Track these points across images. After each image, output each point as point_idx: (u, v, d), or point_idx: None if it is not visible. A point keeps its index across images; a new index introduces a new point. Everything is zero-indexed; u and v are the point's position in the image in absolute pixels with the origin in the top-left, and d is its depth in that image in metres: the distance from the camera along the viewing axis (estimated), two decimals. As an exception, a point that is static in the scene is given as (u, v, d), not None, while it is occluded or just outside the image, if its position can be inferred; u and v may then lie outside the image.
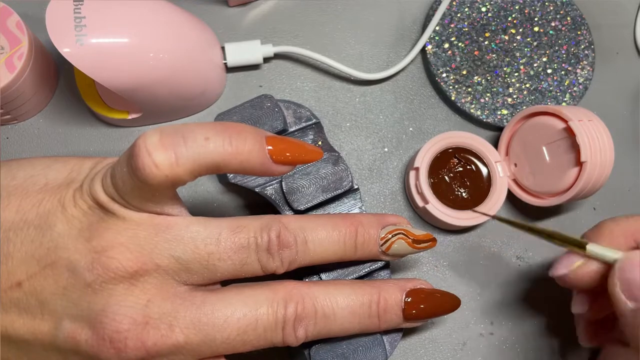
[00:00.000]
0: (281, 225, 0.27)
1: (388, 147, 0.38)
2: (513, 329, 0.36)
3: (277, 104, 0.33)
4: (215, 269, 0.25)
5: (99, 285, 0.24)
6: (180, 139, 0.23)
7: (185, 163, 0.23)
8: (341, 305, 0.28)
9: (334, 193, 0.32)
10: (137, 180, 0.23)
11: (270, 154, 0.25)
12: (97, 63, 0.30)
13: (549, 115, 0.34)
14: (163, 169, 0.22)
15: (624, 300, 0.26)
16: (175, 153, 0.23)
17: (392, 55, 0.40)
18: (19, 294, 0.24)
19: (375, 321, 0.29)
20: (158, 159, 0.22)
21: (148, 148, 0.22)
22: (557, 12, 0.40)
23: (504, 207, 0.38)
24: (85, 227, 0.24)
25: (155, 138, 0.23)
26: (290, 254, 0.27)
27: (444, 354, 0.35)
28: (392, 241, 0.29)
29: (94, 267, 0.24)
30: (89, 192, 0.25)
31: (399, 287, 0.29)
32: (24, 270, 0.24)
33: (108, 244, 0.24)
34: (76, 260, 0.24)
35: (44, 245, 0.24)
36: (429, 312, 0.30)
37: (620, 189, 0.39)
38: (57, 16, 0.30)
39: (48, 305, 0.24)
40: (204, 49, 0.35)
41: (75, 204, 0.25)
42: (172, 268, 0.25)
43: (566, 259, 0.29)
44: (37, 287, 0.24)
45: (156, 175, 0.23)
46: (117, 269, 0.24)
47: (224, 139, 0.23)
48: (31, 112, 0.36)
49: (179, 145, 0.23)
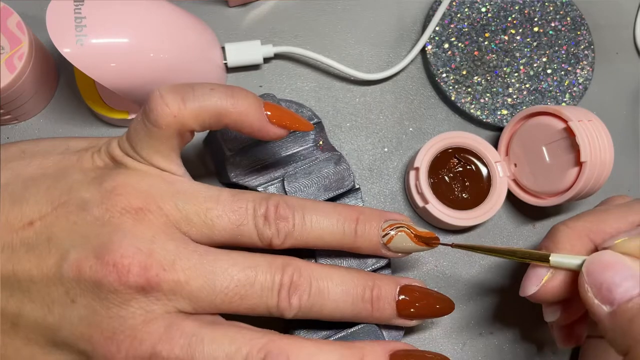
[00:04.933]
0: (281, 199, 0.28)
1: (388, 147, 0.38)
2: (513, 329, 0.36)
3: (279, 103, 0.33)
4: (213, 224, 0.27)
5: (107, 219, 0.25)
6: (189, 87, 0.26)
7: (192, 106, 0.26)
8: (336, 282, 0.28)
9: (335, 192, 0.32)
10: (149, 124, 0.26)
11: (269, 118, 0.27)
12: (97, 63, 0.30)
13: (548, 116, 0.34)
14: (172, 108, 0.25)
15: (597, 304, 0.25)
16: (183, 96, 0.26)
17: (392, 56, 0.40)
18: (29, 232, 0.25)
19: (369, 307, 0.29)
20: (168, 99, 0.25)
21: (161, 92, 0.26)
22: (557, 12, 0.40)
23: (504, 207, 0.38)
24: (99, 176, 0.26)
25: (168, 86, 0.26)
26: (286, 227, 0.27)
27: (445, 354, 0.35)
28: (394, 234, 0.29)
29: (104, 203, 0.25)
30: (106, 151, 0.27)
31: (394, 281, 0.30)
32: (36, 210, 0.26)
33: (117, 185, 0.26)
34: (87, 198, 0.26)
35: (59, 188, 0.26)
36: (423, 311, 0.30)
37: (620, 189, 0.39)
38: (58, 16, 0.30)
39: (57, 239, 0.25)
40: (204, 49, 0.35)
41: (93, 162, 0.27)
42: (174, 215, 0.26)
43: (533, 275, 0.28)
44: (48, 225, 0.25)
45: (166, 113, 0.25)
46: (125, 205, 0.25)
47: (227, 90, 0.27)
48: (31, 112, 0.36)
49: (187, 92, 0.26)
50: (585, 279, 0.26)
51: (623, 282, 0.24)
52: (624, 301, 0.24)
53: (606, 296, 0.25)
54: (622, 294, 0.24)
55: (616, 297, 0.24)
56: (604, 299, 0.25)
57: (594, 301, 0.25)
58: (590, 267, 0.26)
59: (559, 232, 0.29)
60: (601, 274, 0.25)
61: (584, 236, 0.28)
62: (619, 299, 0.24)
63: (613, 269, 0.25)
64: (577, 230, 0.28)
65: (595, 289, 0.25)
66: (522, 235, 0.38)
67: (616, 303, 0.24)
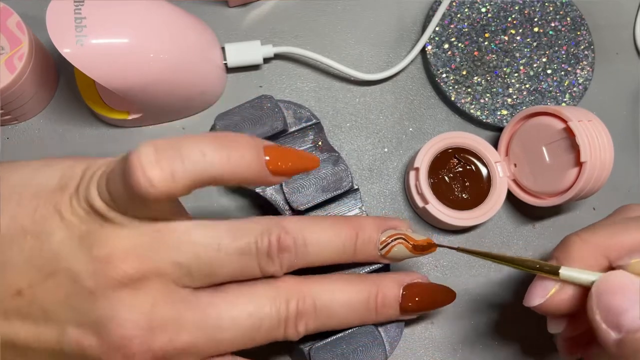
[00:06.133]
0: (281, 230, 0.26)
1: (388, 148, 0.38)
2: (513, 329, 0.36)
3: (277, 104, 0.34)
4: (216, 274, 0.25)
5: (102, 292, 0.23)
6: (176, 154, 0.22)
7: (182, 179, 0.22)
8: (340, 301, 0.28)
9: (334, 193, 0.32)
10: (132, 195, 0.22)
11: (268, 165, 0.24)
12: (97, 63, 0.30)
13: (548, 116, 0.34)
14: (159, 187, 0.22)
15: (605, 329, 0.23)
16: (171, 170, 0.22)
17: (392, 56, 0.40)
18: (20, 302, 0.24)
19: (373, 315, 0.29)
20: (154, 177, 0.22)
21: (143, 165, 0.22)
22: (557, 12, 0.40)
23: (504, 207, 0.38)
24: (85, 235, 0.24)
25: (150, 154, 0.22)
26: (289, 258, 0.27)
27: (444, 354, 0.35)
28: (392, 245, 0.29)
29: (97, 275, 0.23)
30: (85, 199, 0.24)
31: (397, 282, 0.30)
32: (23, 278, 0.24)
33: (109, 252, 0.23)
34: (78, 269, 0.23)
35: (44, 253, 0.24)
36: (424, 305, 0.30)
37: (620, 189, 0.39)
38: (58, 16, 0.30)
39: (51, 312, 0.24)
40: (204, 50, 0.35)
41: (73, 211, 0.24)
42: (174, 273, 0.24)
43: (540, 287, 0.27)
44: (39, 296, 0.24)
45: (151, 193, 0.22)
46: (120, 275, 0.23)
47: (222, 154, 0.23)
48: (31, 112, 0.36)
49: (174, 161, 0.22)
50: (594, 300, 0.24)
51: (633, 309, 0.23)
52: (632, 330, 0.23)
53: (614, 322, 0.23)
54: (630, 322, 0.23)
55: (624, 325, 0.23)
56: (611, 325, 0.23)
57: (601, 325, 0.24)
58: (600, 288, 0.24)
59: (572, 244, 0.27)
60: (611, 297, 0.24)
61: (598, 251, 0.26)
62: (627, 327, 0.23)
63: (624, 293, 0.24)
64: (592, 244, 0.26)
65: (604, 313, 0.24)
66: (522, 235, 0.38)
67: (624, 330, 0.23)
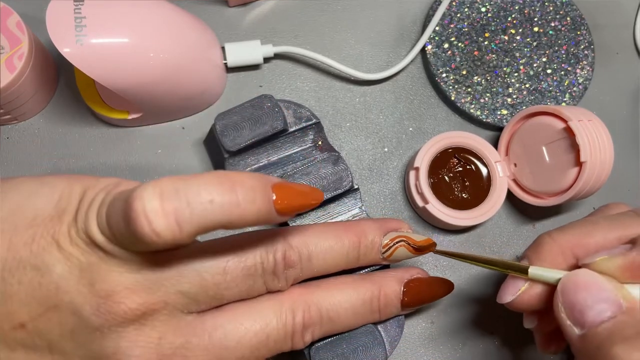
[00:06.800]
0: (286, 245, 0.27)
1: (388, 147, 0.38)
2: (513, 329, 0.36)
3: (277, 104, 0.33)
4: (223, 296, 0.26)
5: (107, 329, 0.23)
6: (183, 202, 0.21)
7: (188, 229, 0.21)
8: (344, 306, 0.28)
9: (334, 193, 0.32)
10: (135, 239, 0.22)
11: (275, 204, 0.23)
12: (97, 63, 0.30)
13: (548, 115, 0.34)
14: (164, 237, 0.21)
15: (569, 325, 0.24)
16: (177, 219, 0.21)
17: (392, 55, 0.40)
18: (23, 334, 0.23)
19: (376, 315, 0.30)
20: (159, 228, 0.21)
21: (147, 214, 0.21)
22: (557, 12, 0.40)
23: (504, 207, 0.38)
24: (86, 268, 0.23)
25: (154, 201, 0.21)
26: (294, 273, 0.27)
27: (444, 354, 0.35)
28: (394, 248, 0.30)
29: (101, 313, 0.23)
30: (85, 231, 0.23)
31: (398, 280, 0.30)
32: (25, 311, 0.23)
33: (112, 288, 0.23)
34: (80, 304, 0.23)
35: (44, 287, 0.23)
36: (424, 299, 0.31)
37: (620, 189, 0.39)
38: (58, 16, 0.30)
39: (57, 346, 0.23)
40: (204, 49, 0.35)
41: (72, 242, 0.23)
42: (180, 302, 0.24)
43: (511, 285, 0.28)
44: (42, 329, 0.23)
45: (156, 242, 0.21)
46: (125, 312, 0.23)
47: (231, 199, 0.22)
48: (31, 112, 0.36)
49: (181, 210, 0.21)
50: (559, 297, 0.25)
51: (595, 305, 0.24)
52: (594, 325, 0.23)
53: (578, 318, 0.24)
54: (593, 318, 0.23)
55: (587, 320, 0.23)
56: (575, 321, 0.24)
57: (566, 322, 0.24)
58: (565, 286, 0.25)
59: (542, 243, 0.28)
60: (575, 294, 0.24)
61: (567, 250, 0.27)
62: (590, 323, 0.23)
63: (587, 290, 0.24)
64: (561, 244, 0.27)
65: (568, 310, 0.24)
66: (522, 235, 0.38)
67: (587, 326, 0.23)
